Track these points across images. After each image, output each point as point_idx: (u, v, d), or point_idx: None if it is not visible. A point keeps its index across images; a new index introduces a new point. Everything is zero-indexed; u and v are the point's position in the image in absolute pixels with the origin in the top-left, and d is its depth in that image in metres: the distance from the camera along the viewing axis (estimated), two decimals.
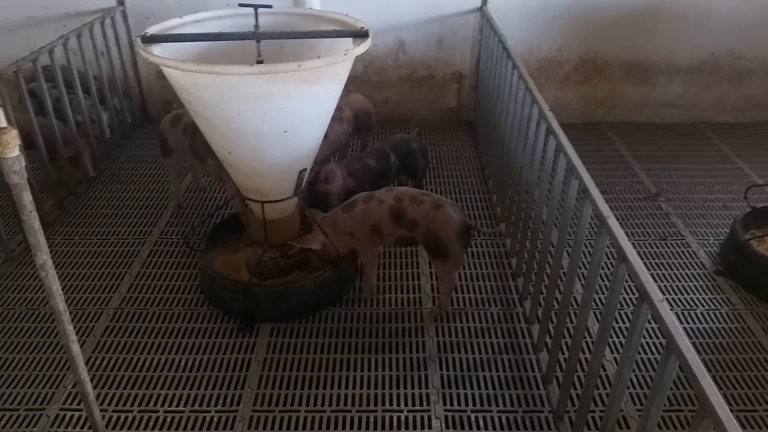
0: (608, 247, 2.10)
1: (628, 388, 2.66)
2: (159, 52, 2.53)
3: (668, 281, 3.36)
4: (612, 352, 2.87)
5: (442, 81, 5.26)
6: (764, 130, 5.23)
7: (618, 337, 2.96)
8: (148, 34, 2.59)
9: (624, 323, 3.04)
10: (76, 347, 1.90)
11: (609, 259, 3.29)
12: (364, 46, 2.54)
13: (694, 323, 3.06)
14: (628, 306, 3.14)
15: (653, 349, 2.89)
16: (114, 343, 2.93)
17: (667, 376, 1.65)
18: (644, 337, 2.91)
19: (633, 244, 1.95)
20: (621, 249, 1.92)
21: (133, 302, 3.19)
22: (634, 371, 2.74)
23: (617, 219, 2.06)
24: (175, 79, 2.48)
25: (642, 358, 2.84)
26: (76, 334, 2.85)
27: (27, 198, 1.63)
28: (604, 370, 2.77)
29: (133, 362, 2.82)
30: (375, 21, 4.78)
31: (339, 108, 3.86)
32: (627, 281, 1.93)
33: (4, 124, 1.53)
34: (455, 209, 2.91)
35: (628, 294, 3.20)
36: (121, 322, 3.06)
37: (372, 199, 3.00)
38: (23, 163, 1.59)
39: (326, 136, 3.66)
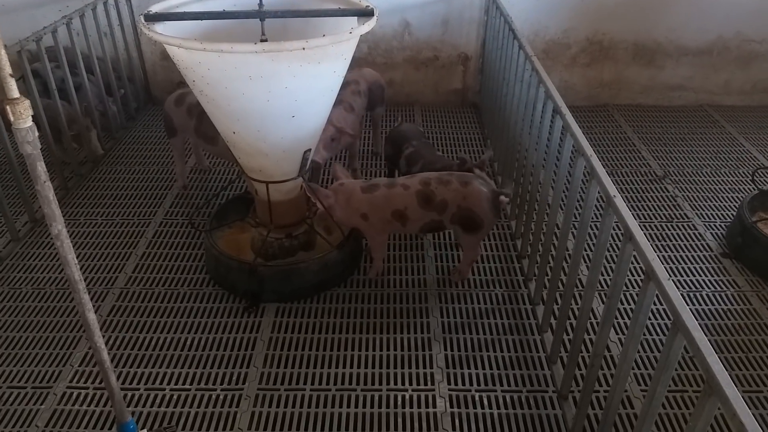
0: (614, 228, 2.09)
1: (633, 368, 2.66)
2: (162, 30, 2.51)
3: (675, 263, 3.35)
4: (617, 334, 2.87)
5: (447, 63, 5.21)
6: None
7: (623, 318, 2.96)
8: (151, 12, 2.58)
9: (629, 305, 3.03)
10: (92, 315, 1.89)
11: (615, 240, 3.30)
12: (369, 25, 2.51)
13: (701, 305, 3.06)
14: (634, 288, 3.13)
15: (658, 330, 2.89)
16: (120, 322, 2.95)
17: (673, 354, 1.64)
18: (649, 318, 2.91)
19: (639, 225, 1.94)
20: (627, 228, 1.91)
21: (139, 282, 3.21)
22: (639, 352, 2.74)
23: (624, 201, 2.05)
24: (179, 58, 2.46)
25: (647, 339, 2.84)
26: None
27: (41, 168, 1.61)
28: (609, 350, 2.77)
29: (140, 341, 2.84)
30: (380, 1, 4.70)
31: (356, 81, 3.85)
32: (633, 263, 1.92)
33: (17, 94, 1.51)
34: (482, 182, 2.92)
35: (633, 276, 3.19)
36: (127, 301, 3.08)
37: (395, 185, 2.96)
38: (36, 134, 1.58)
39: (352, 109, 3.67)
